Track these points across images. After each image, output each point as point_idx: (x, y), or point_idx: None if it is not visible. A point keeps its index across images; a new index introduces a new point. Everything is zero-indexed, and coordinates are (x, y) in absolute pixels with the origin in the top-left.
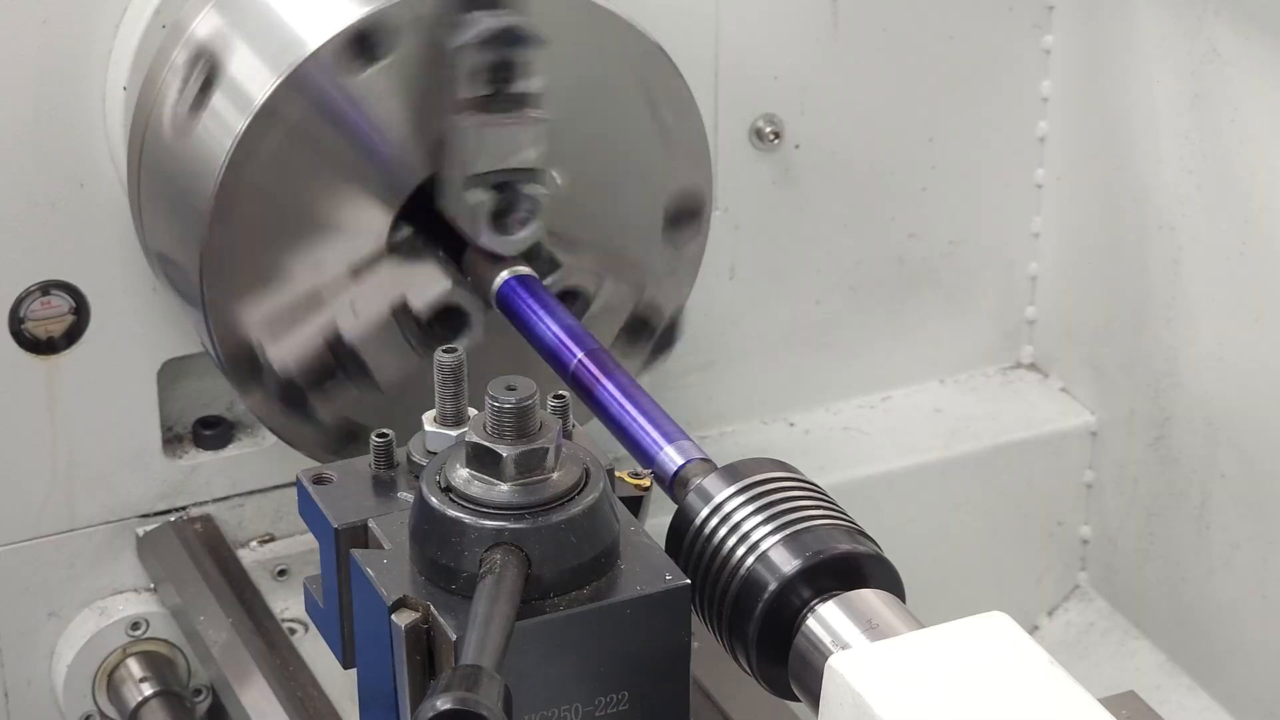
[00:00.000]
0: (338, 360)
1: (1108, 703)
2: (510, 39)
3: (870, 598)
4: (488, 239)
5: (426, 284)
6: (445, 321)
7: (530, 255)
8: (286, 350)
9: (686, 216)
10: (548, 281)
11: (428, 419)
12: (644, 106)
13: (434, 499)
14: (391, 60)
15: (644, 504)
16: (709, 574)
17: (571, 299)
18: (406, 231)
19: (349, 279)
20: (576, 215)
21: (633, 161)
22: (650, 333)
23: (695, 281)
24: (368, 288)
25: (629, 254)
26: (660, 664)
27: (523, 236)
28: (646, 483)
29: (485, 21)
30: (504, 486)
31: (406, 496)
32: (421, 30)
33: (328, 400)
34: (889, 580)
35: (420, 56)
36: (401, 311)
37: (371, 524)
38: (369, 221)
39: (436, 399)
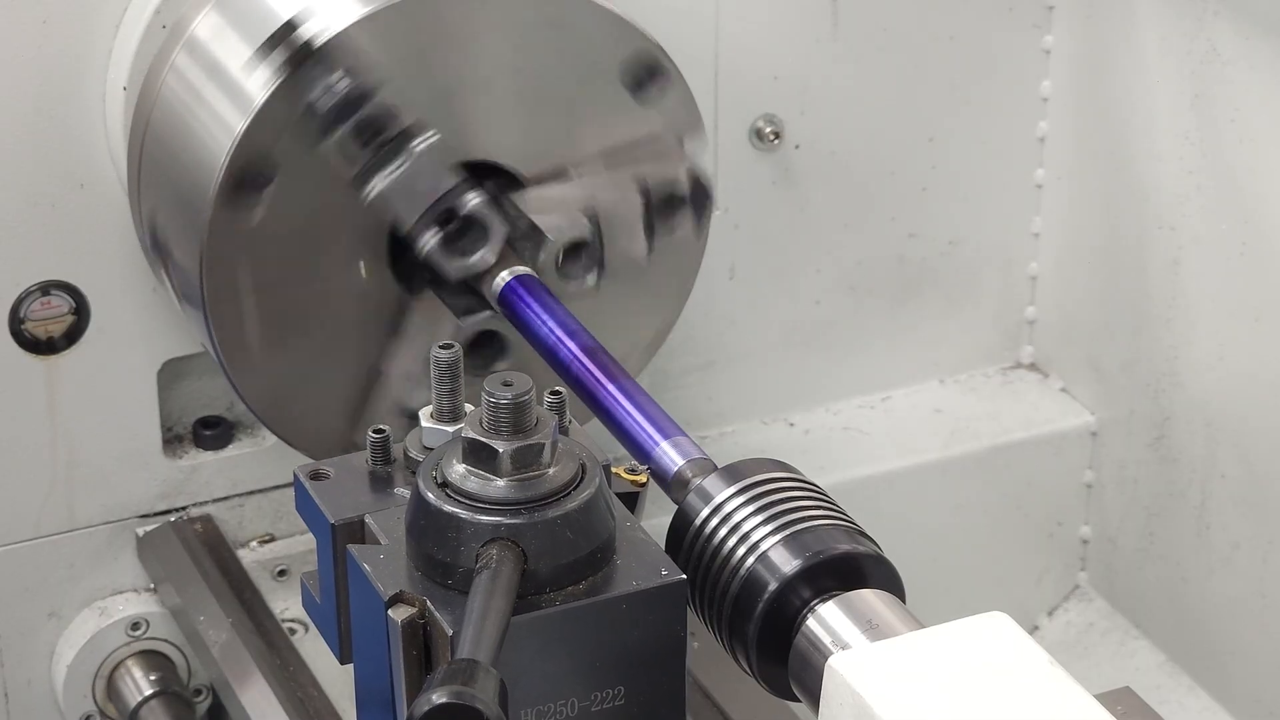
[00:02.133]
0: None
1: (1103, 699)
2: (350, 107)
3: (870, 598)
4: (456, 269)
5: (450, 321)
6: (484, 348)
7: (515, 244)
8: (331, 402)
9: (647, 75)
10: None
11: (424, 415)
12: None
13: (430, 494)
14: (279, 181)
15: (640, 500)
16: (709, 574)
17: (580, 248)
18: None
19: (386, 336)
20: (542, 138)
21: (562, 61)
22: (680, 201)
23: (703, 130)
24: (404, 341)
25: (609, 144)
26: (656, 659)
27: (480, 255)
28: (643, 478)
29: (325, 104)
30: (500, 482)
31: (403, 492)
32: (290, 144)
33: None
34: (889, 580)
35: (303, 161)
36: None
37: (368, 519)
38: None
39: (433, 395)
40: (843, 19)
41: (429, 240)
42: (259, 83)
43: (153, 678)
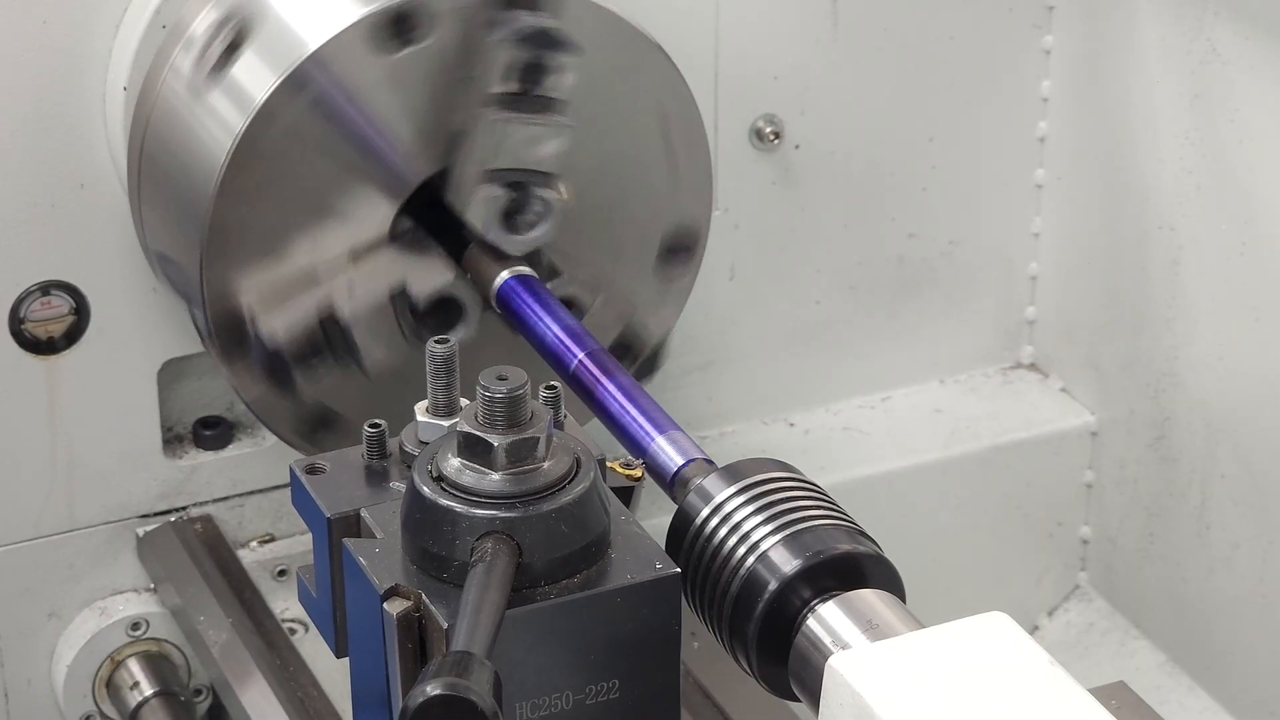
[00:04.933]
0: (328, 337)
1: (1096, 693)
2: (546, 41)
3: (870, 598)
4: (496, 235)
5: (426, 274)
6: (441, 313)
7: (531, 259)
8: (278, 320)
9: (681, 250)
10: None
11: (420, 409)
12: (658, 133)
13: (426, 488)
14: (427, 44)
15: (635, 494)
16: (709, 574)
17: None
18: (409, 224)
19: (348, 261)
20: (578, 230)
21: (639, 186)
22: (634, 357)
23: (680, 313)
24: (367, 271)
25: (621, 278)
26: (651, 652)
27: (531, 237)
28: (638, 473)
29: (524, 20)
30: (495, 476)
31: (399, 486)
32: (461, 18)
33: (311, 378)
34: (889, 580)
35: (455, 44)
36: (399, 297)
37: (364, 513)
38: (371, 215)
39: (429, 389)
40: (843, 19)
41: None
42: (259, 82)
43: (153, 678)
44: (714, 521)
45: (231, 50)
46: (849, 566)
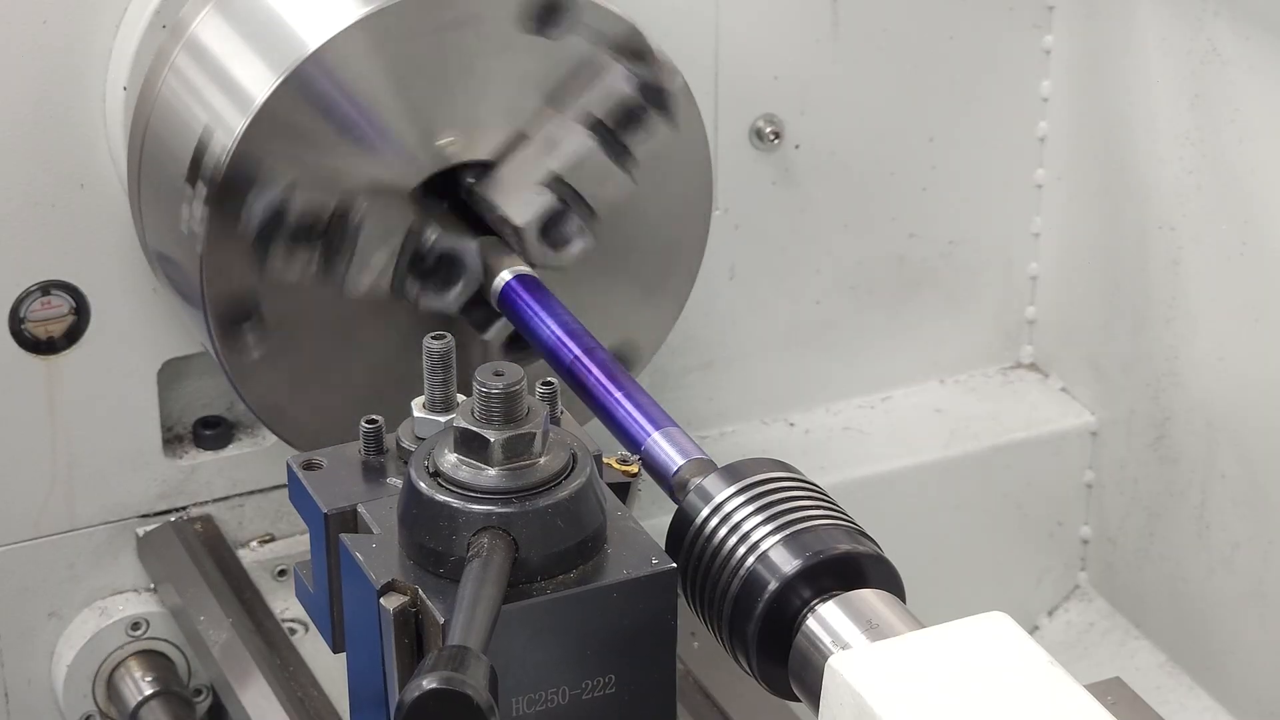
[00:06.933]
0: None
1: (1092, 689)
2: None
3: (870, 598)
4: (452, 302)
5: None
6: (516, 351)
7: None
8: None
9: (546, 12)
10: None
11: (416, 405)
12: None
13: (422, 484)
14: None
15: (632, 490)
16: (709, 574)
17: (561, 218)
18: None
19: (405, 346)
20: (478, 119)
21: (456, 42)
22: (640, 110)
23: (632, 28)
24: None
25: (548, 90)
26: (647, 647)
27: (463, 283)
28: (634, 469)
29: (253, 225)
30: (491, 471)
31: (395, 482)
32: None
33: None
34: (889, 580)
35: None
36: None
37: (361, 509)
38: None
39: (425, 385)
40: (843, 19)
41: (414, 288)
42: (259, 83)
43: (152, 678)
44: (714, 521)
45: None
46: (849, 566)
